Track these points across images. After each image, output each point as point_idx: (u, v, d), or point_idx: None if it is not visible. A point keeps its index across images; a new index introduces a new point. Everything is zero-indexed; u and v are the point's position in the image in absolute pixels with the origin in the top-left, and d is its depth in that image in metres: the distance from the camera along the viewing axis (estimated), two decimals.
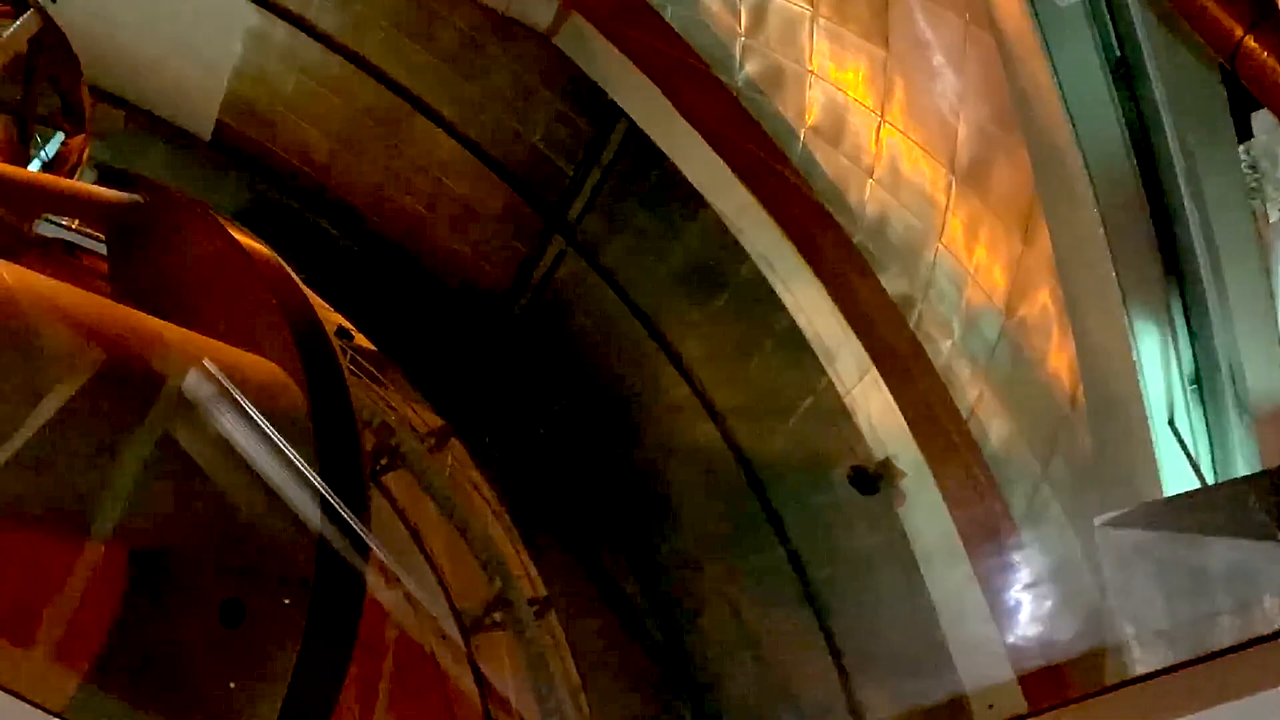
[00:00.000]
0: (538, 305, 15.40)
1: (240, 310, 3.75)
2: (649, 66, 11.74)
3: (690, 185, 12.32)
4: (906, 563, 10.22)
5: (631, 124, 13.04)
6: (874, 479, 10.49)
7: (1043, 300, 7.89)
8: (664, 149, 12.38)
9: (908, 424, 10.16)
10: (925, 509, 9.94)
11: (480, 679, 13.96)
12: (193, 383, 2.68)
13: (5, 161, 8.82)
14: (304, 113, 16.05)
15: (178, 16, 15.40)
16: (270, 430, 2.79)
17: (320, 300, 13.31)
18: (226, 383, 2.77)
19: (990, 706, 7.85)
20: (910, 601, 10.12)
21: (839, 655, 11.69)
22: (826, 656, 11.75)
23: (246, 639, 2.88)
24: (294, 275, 3.92)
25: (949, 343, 9.55)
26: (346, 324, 16.59)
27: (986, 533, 9.05)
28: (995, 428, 9.02)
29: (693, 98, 11.56)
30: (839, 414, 11.28)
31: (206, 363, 2.76)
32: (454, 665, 13.16)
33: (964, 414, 9.30)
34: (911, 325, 10.06)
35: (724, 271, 12.91)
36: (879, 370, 10.49)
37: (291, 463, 2.91)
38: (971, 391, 9.25)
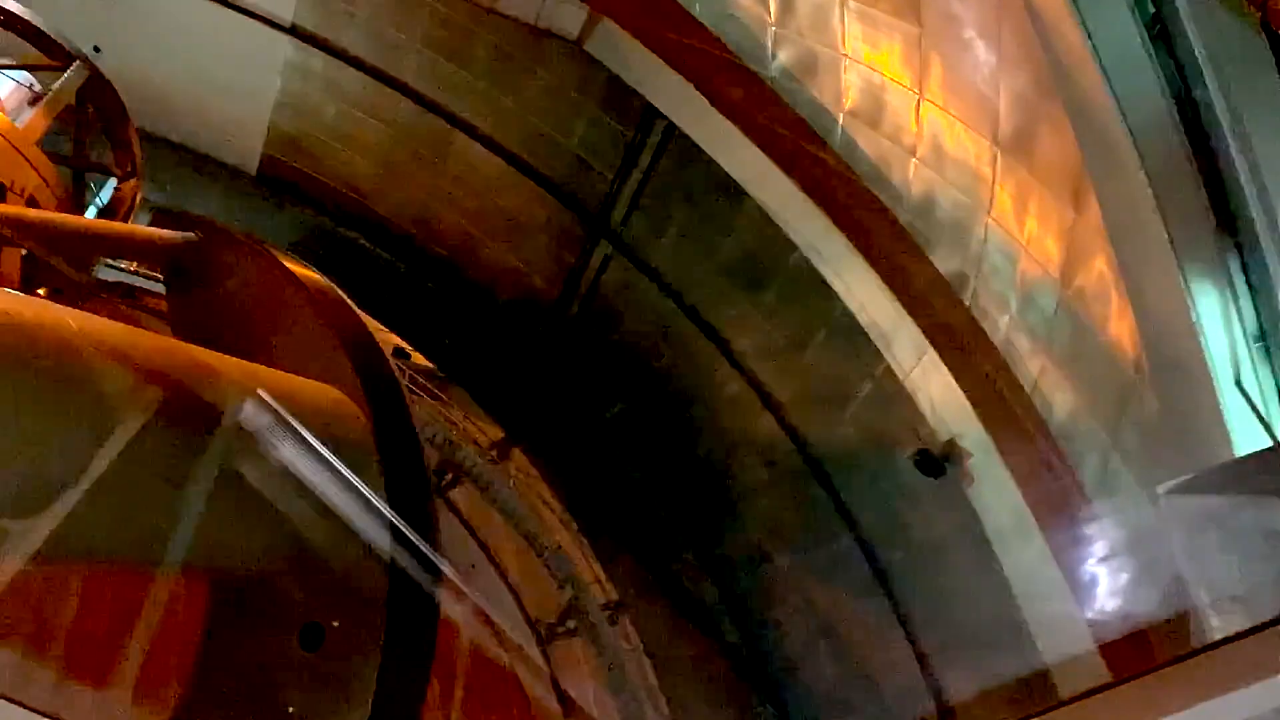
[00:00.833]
0: (588, 312, 15.46)
1: (299, 338, 3.81)
2: (682, 64, 11.73)
3: (732, 180, 12.29)
4: (979, 542, 10.09)
5: (669, 124, 13.04)
6: (940, 461, 10.37)
7: (1099, 267, 7.75)
8: (703, 146, 12.37)
9: (970, 403, 10.03)
10: (994, 487, 9.80)
11: (558, 687, 14.04)
12: (249, 412, 2.73)
13: (63, 210, 9.07)
14: (346, 139, 16.30)
15: (217, 55, 15.73)
16: (326, 453, 2.83)
17: (376, 323, 13.52)
18: (282, 409, 2.81)
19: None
20: (985, 581, 9.99)
21: (916, 640, 11.57)
22: (904, 641, 11.63)
23: (326, 661, 2.93)
24: (348, 300, 3.97)
25: (1006, 317, 9.41)
26: (403, 344, 16.83)
27: (1058, 507, 8.90)
28: (1060, 400, 8.86)
29: (728, 92, 11.53)
30: (899, 398, 11.18)
31: (261, 391, 2.81)
32: (531, 676, 13.25)
33: (1027, 389, 9.15)
34: (967, 302, 9.92)
35: (772, 263, 12.85)
36: (937, 351, 10.37)
37: (358, 485, 2.95)
38: (1033, 365, 9.10)
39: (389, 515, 2.97)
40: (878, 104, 10.27)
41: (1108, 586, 8.09)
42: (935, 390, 10.51)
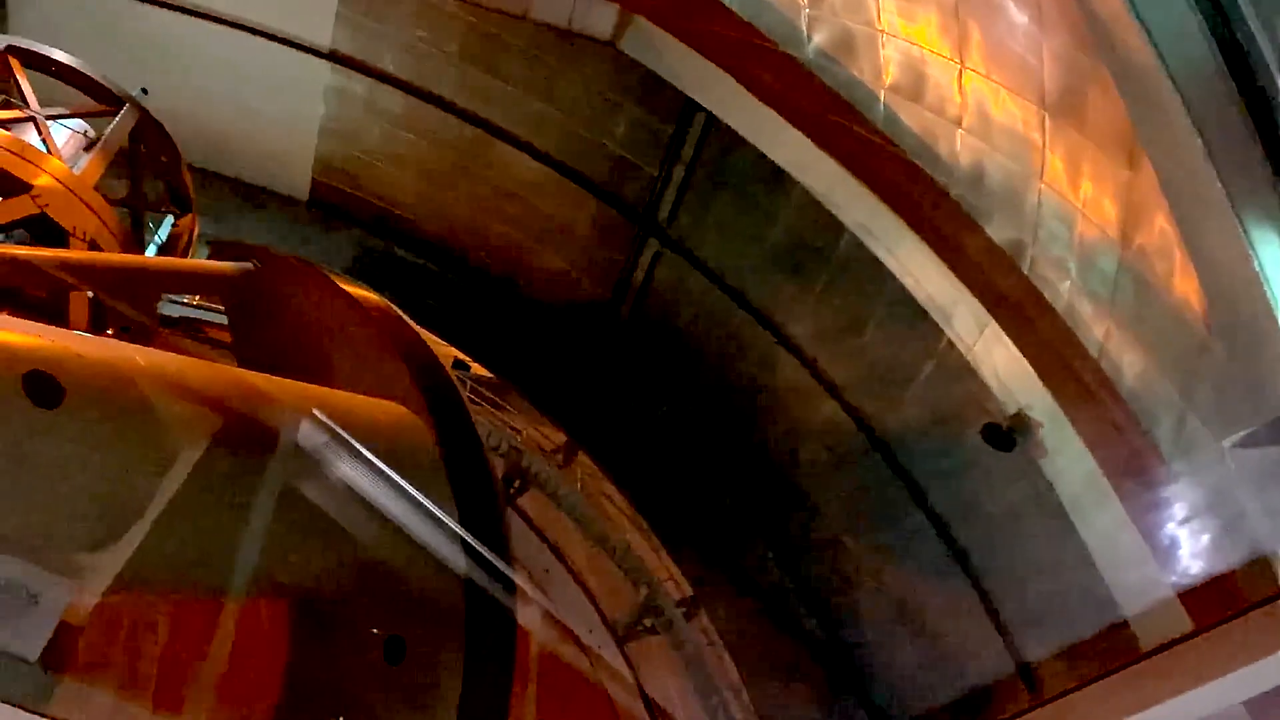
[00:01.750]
0: (640, 309, 15.48)
1: (361, 357, 3.86)
2: (717, 55, 11.68)
3: (777, 166, 12.22)
4: (1055, 512, 9.92)
5: (709, 115, 13.00)
6: (1009, 434, 10.21)
7: (1159, 224, 7.57)
8: (744, 134, 12.31)
9: (1036, 373, 9.86)
10: (1067, 456, 9.63)
11: (641, 689, 14.06)
12: (306, 432, 2.78)
13: (124, 251, 9.30)
14: (391, 158, 16.50)
15: (260, 87, 16.02)
16: (385, 467, 2.87)
17: (434, 336, 13.66)
18: (341, 427, 2.86)
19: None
20: (1064, 551, 9.83)
21: (998, 615, 11.41)
22: (985, 618, 11.48)
23: (410, 674, 2.96)
24: (405, 317, 4.01)
25: (1067, 283, 9.23)
26: (462, 356, 16.98)
27: (1134, 471, 8.72)
28: (1129, 363, 8.67)
29: (766, 78, 11.46)
30: (964, 373, 11.03)
31: (316, 410, 2.86)
32: (611, 677, 13.30)
33: (1094, 354, 8.97)
34: (1025, 271, 9.75)
35: (823, 247, 12.76)
36: (998, 322, 10.21)
37: (426, 497, 2.99)
38: (1098, 329, 8.92)
39: (462, 523, 3.00)
40: (919, 77, 10.13)
41: (1190, 547, 7.92)
42: (999, 362, 10.34)
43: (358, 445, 2.85)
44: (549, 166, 15.20)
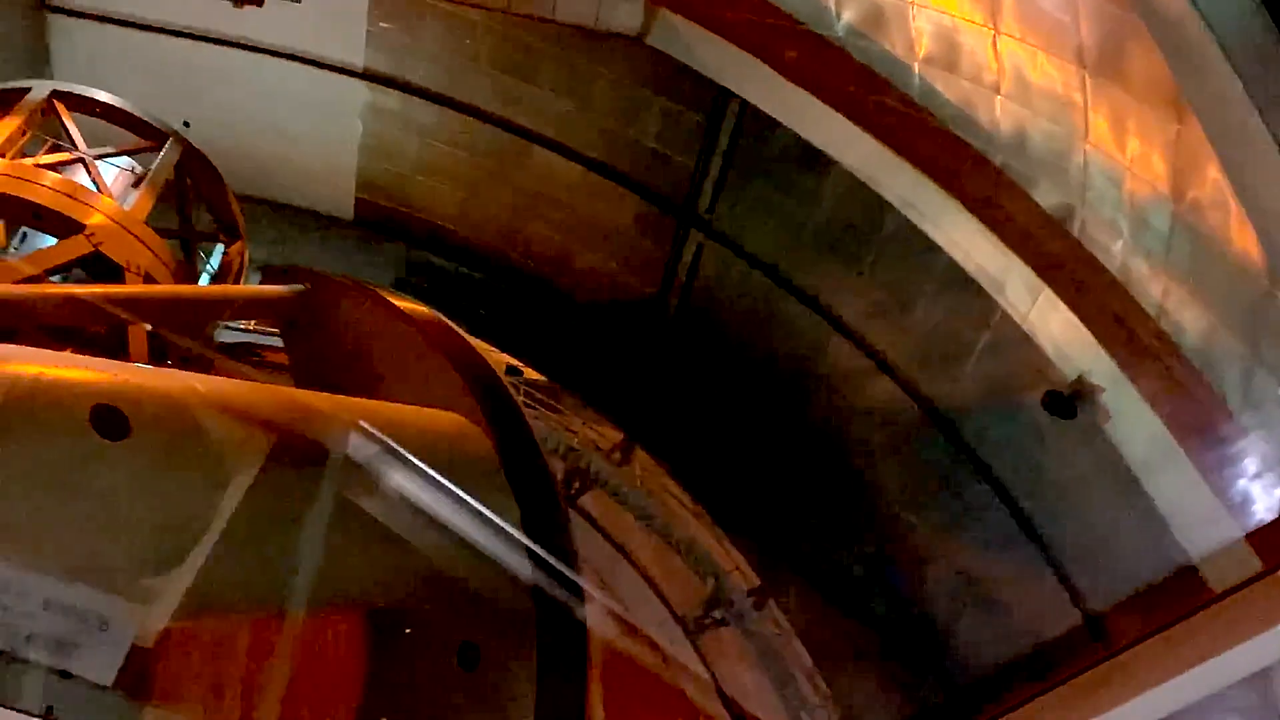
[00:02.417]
0: (688, 303, 15.46)
1: (415, 370, 3.90)
2: (747, 41, 11.62)
3: (815, 148, 12.13)
4: (1123, 476, 9.74)
5: (742, 102, 12.94)
6: (1070, 400, 10.04)
7: (1211, 176, 7.39)
8: (779, 118, 12.23)
9: (1094, 337, 9.69)
10: (1131, 419, 9.45)
11: (715, 682, 14.06)
12: (356, 444, 2.82)
13: (178, 281, 9.49)
14: (431, 171, 16.65)
15: (298, 110, 16.26)
16: (437, 474, 2.89)
17: (485, 344, 13.77)
18: (393, 437, 2.89)
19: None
20: (1136, 515, 9.65)
21: (1069, 580, 11.23)
22: (1056, 585, 11.30)
23: (486, 679, 2.99)
24: (455, 327, 4.05)
25: (1119, 243, 9.06)
26: (514, 361, 17.10)
27: (1203, 429, 8.54)
28: (1190, 320, 8.49)
29: (798, 60, 11.38)
30: (1020, 342, 10.87)
31: (363, 422, 2.90)
32: (685, 674, 13.32)
33: (1152, 313, 8.80)
34: (1076, 234, 9.59)
35: (868, 225, 12.64)
36: (1052, 288, 10.05)
37: (487, 504, 3.01)
38: (1155, 288, 8.74)
39: (522, 531, 3.02)
40: (952, 47, 10.00)
41: (1264, 502, 7.75)
42: (1056, 329, 10.18)
43: (413, 455, 2.88)
44: (586, 167, 15.24)
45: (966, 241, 10.82)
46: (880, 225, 12.36)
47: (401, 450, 2.81)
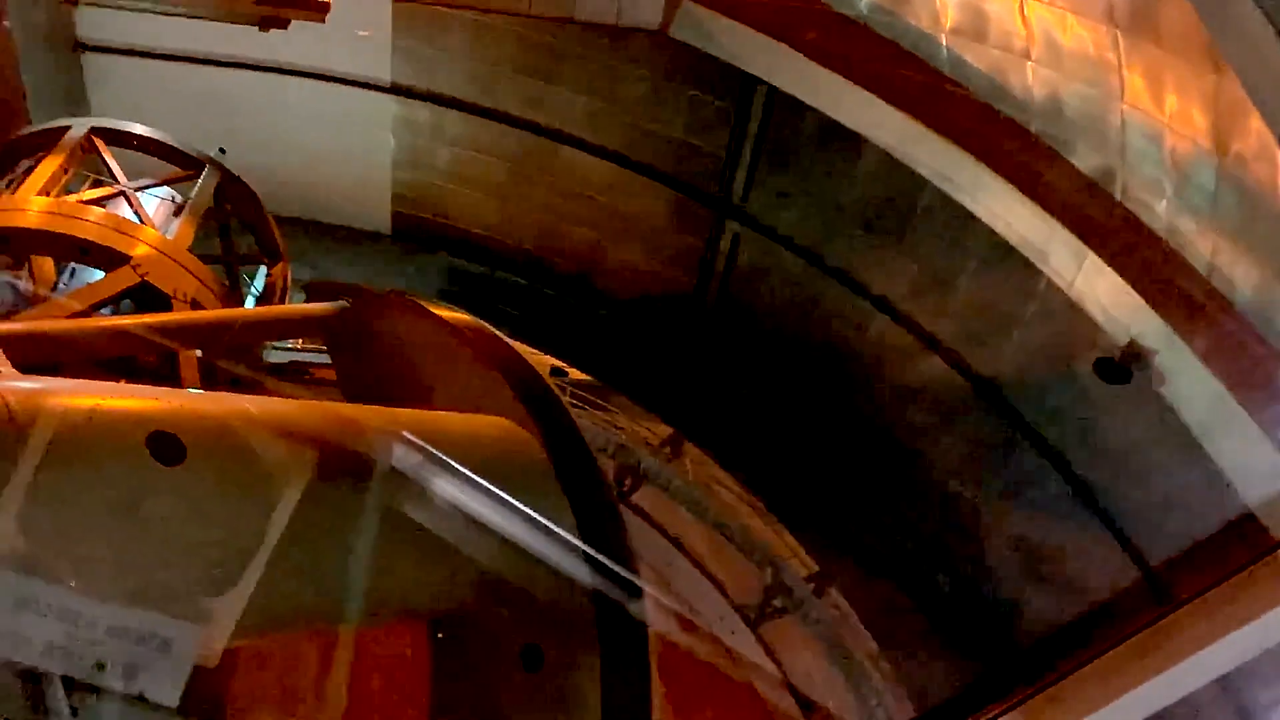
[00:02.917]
0: (727, 293, 15.42)
1: (461, 378, 3.92)
2: (769, 25, 11.55)
3: (846, 129, 12.03)
4: (1182, 438, 9.56)
5: (770, 88, 12.87)
6: (1123, 365, 9.87)
7: (1255, 126, 7.22)
8: (808, 101, 12.15)
9: (1144, 299, 9.51)
10: (1188, 380, 9.27)
11: (779, 670, 14.02)
12: (404, 455, 2.85)
13: (224, 306, 9.63)
14: (463, 179, 16.76)
15: (330, 129, 16.44)
16: (490, 480, 2.91)
17: (528, 348, 13.82)
18: (437, 445, 2.91)
19: None
20: (1198, 476, 9.47)
21: (1134, 548, 11.04)
22: (1121, 554, 11.12)
23: (551, 680, 3.00)
24: (497, 332, 4.06)
25: (1163, 202, 8.89)
26: (558, 363, 17.16)
27: (1261, 384, 8.36)
28: (1241, 275, 8.31)
29: (823, 41, 11.29)
30: (1068, 310, 10.71)
31: (412, 433, 2.92)
32: (747, 665, 13.29)
33: (1202, 271, 8.62)
34: (1118, 197, 9.43)
35: (905, 203, 12.52)
36: (1097, 253, 9.88)
37: (540, 506, 3.02)
38: (1203, 245, 8.57)
39: (577, 532, 3.03)
40: (979, 16, 9.87)
41: None
42: (1103, 294, 10.01)
43: (461, 462, 2.90)
44: (617, 163, 15.24)
45: (1006, 211, 10.67)
46: (917, 201, 12.23)
47: (447, 458, 2.83)
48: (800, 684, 13.65)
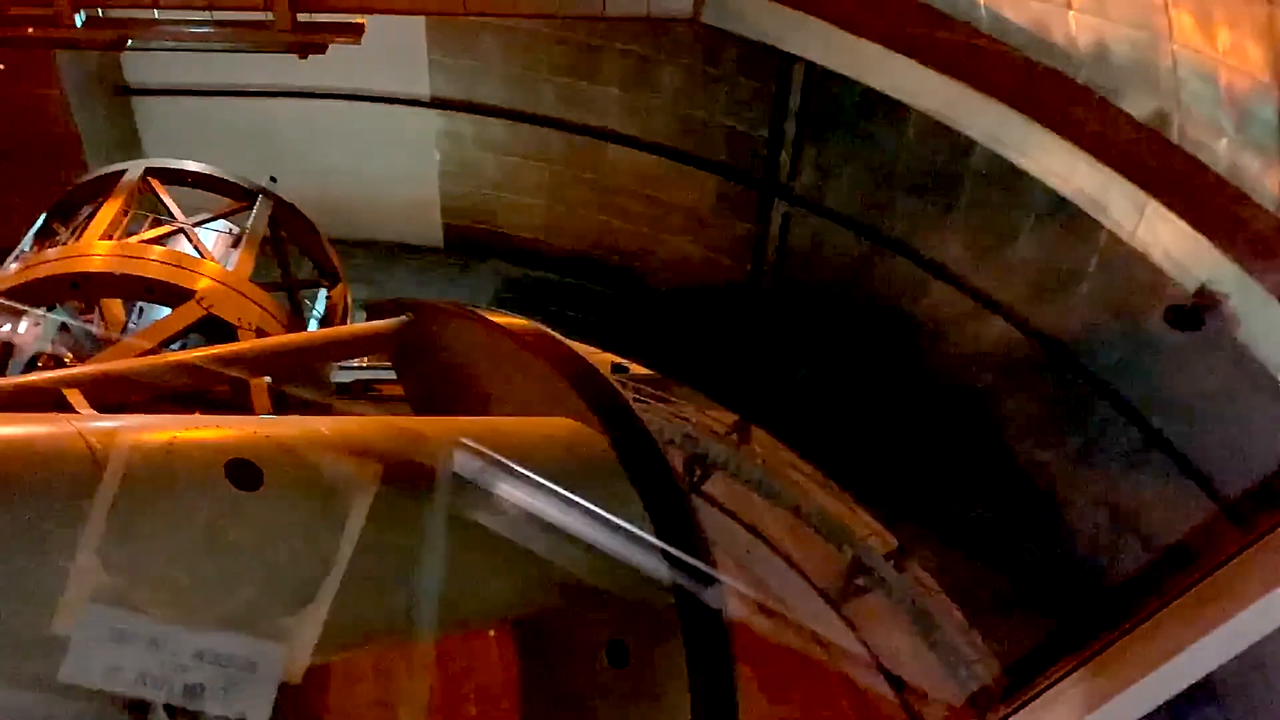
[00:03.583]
0: (782, 275, 15.31)
1: (523, 382, 3.95)
2: (801, 1, 11.44)
3: (888, 97, 11.87)
4: (1260, 379, 9.27)
5: (807, 64, 12.75)
6: (1194, 312, 9.60)
7: None
8: (848, 74, 12.00)
9: (1211, 242, 9.24)
10: (1263, 321, 8.98)
11: (867, 648, 13.92)
12: (471, 462, 2.88)
13: (288, 332, 9.81)
14: (511, 185, 16.87)
15: (376, 148, 16.66)
16: (554, 479, 2.93)
17: (587, 347, 13.89)
18: (496, 451, 2.94)
19: None
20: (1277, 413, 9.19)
21: (1217, 494, 10.74)
22: (1204, 501, 10.84)
23: (638, 675, 3.02)
24: (555, 334, 4.09)
25: (1223, 141, 8.63)
26: (619, 359, 17.21)
27: None
28: None
29: (857, 11, 11.15)
30: (1132, 260, 10.45)
31: (477, 439, 2.95)
32: (837, 648, 13.22)
33: (1270, 208, 8.36)
34: (1175, 140, 9.17)
35: (955, 167, 12.33)
36: (1158, 200, 9.62)
37: (611, 502, 3.03)
38: (1269, 181, 8.30)
39: (651, 525, 3.03)
40: None
41: None
42: (1168, 241, 9.75)
43: (528, 464, 2.92)
44: (661, 155, 15.23)
45: (1060, 166, 10.44)
46: (966, 164, 12.04)
47: (508, 461, 2.86)
48: (889, 661, 13.56)
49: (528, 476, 2.88)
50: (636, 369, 17.30)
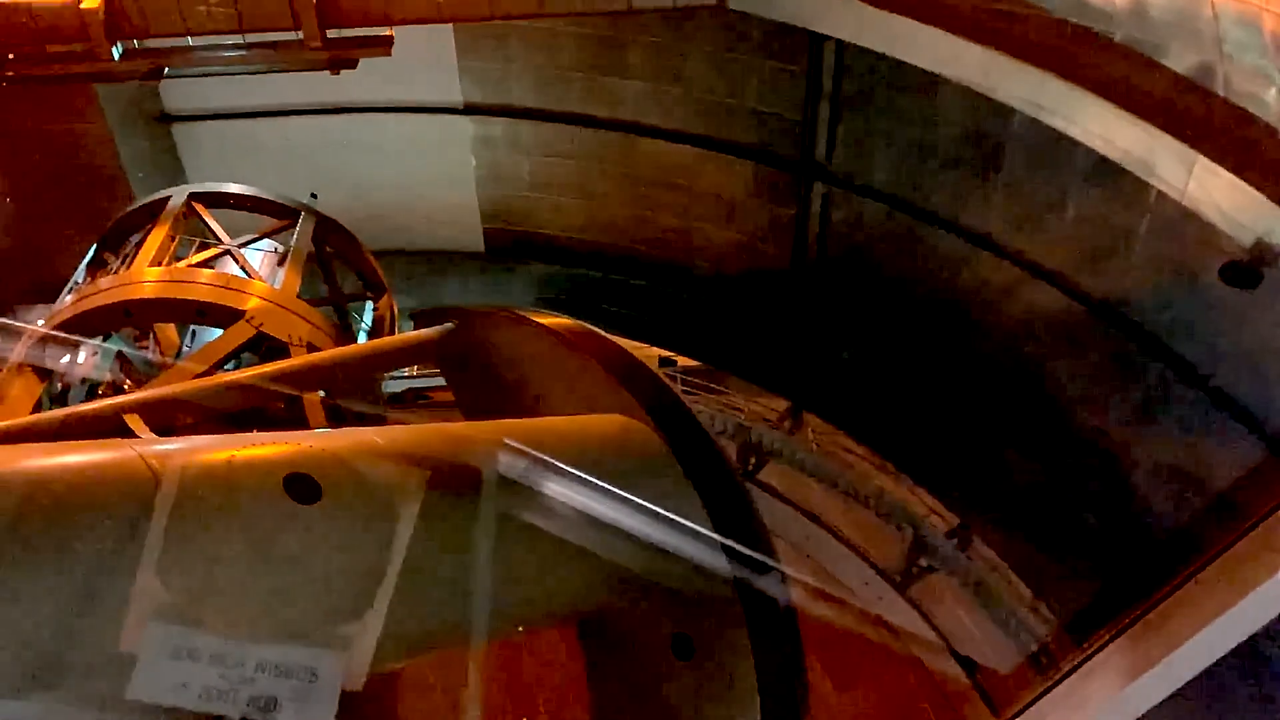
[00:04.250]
0: (825, 257, 15.19)
1: (571, 382, 3.95)
2: None
3: (922, 71, 11.71)
4: None
5: (838, 43, 12.63)
6: (1251, 268, 9.37)
7: None
8: (879, 49, 11.84)
9: (1265, 195, 9.01)
10: None
11: (935, 628, 13.78)
12: (510, 463, 2.89)
13: (338, 345, 9.93)
14: (547, 186, 16.90)
15: (412, 158, 16.78)
16: (607, 476, 2.92)
17: (634, 342, 13.89)
18: (546, 450, 2.94)
19: None
20: None
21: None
22: (1271, 455, 10.58)
23: (704, 666, 3.01)
24: (600, 331, 4.09)
25: (1272, 90, 8.41)
26: (666, 353, 17.20)
27: None
28: None
29: None
30: (1184, 219, 10.23)
31: (521, 441, 2.95)
32: (903, 630, 13.10)
33: None
34: (1221, 93, 8.95)
35: (994, 135, 12.15)
36: (1207, 156, 9.39)
37: (666, 496, 3.02)
38: None
39: (708, 517, 3.02)
40: None
41: None
42: (1220, 197, 9.51)
43: (580, 462, 2.92)
44: (696, 145, 15.17)
45: (1103, 128, 10.23)
46: (1007, 132, 11.86)
47: (562, 461, 2.86)
48: (957, 640, 13.41)
49: (583, 475, 2.88)
50: (684, 361, 17.27)
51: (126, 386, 9.58)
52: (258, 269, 10.62)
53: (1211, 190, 9.52)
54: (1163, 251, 11.09)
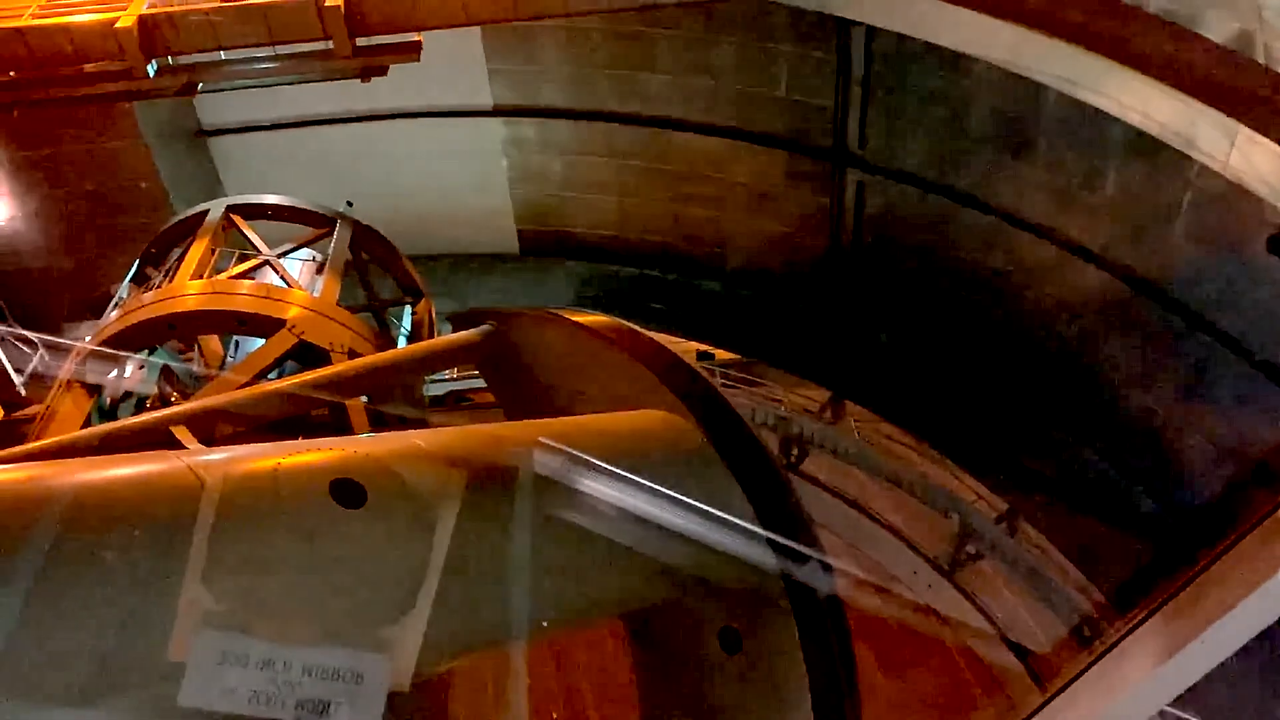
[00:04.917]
0: (861, 244, 15.08)
1: (610, 378, 3.96)
2: None
3: (952, 52, 11.58)
4: None
5: (868, 27, 12.52)
6: None
7: None
8: (908, 32, 11.73)
9: None
10: None
11: (985, 614, 13.64)
12: (548, 462, 2.89)
13: (379, 351, 10.00)
14: (580, 185, 16.92)
15: (445, 162, 16.87)
16: (650, 471, 2.91)
17: (671, 337, 13.86)
18: (587, 448, 2.94)
19: None
20: None
21: None
22: None
23: (752, 660, 3.00)
24: (637, 327, 4.09)
25: None
26: (704, 346, 17.14)
27: None
28: None
29: None
30: (1227, 191, 10.04)
31: (560, 440, 2.96)
32: (953, 619, 12.98)
33: None
34: (1262, 61, 8.77)
35: (1028, 114, 11.99)
36: (1249, 126, 9.20)
37: (709, 489, 3.01)
38: None
39: (752, 510, 3.01)
40: None
41: None
42: (1264, 166, 9.31)
43: (619, 460, 2.92)
44: (728, 137, 15.12)
45: (1140, 102, 10.06)
46: (1041, 110, 11.70)
47: (605, 458, 2.86)
48: (1009, 625, 13.26)
49: (626, 473, 2.88)
50: (722, 354, 17.21)
51: (173, 399, 9.72)
52: (297, 278, 10.73)
53: (1255, 160, 9.33)
54: (1206, 225, 10.91)
